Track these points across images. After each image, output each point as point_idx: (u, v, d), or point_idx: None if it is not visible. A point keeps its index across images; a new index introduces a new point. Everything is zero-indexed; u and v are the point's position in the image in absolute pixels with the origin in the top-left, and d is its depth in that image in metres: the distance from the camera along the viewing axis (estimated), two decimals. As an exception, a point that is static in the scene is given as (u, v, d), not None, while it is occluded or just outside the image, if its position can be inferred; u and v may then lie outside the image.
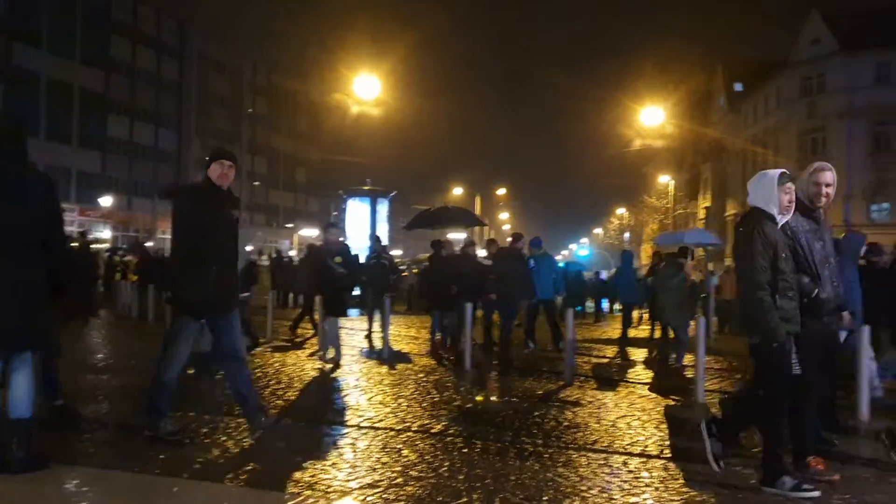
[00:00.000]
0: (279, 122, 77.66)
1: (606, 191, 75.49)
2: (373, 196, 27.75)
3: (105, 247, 36.02)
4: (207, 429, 5.60)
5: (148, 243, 36.91)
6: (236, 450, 5.10)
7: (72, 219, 44.04)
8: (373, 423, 6.10)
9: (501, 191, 62.64)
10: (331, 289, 9.91)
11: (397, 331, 15.33)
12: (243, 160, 72.12)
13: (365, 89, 27.60)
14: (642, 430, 6.25)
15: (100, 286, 20.00)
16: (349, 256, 10.41)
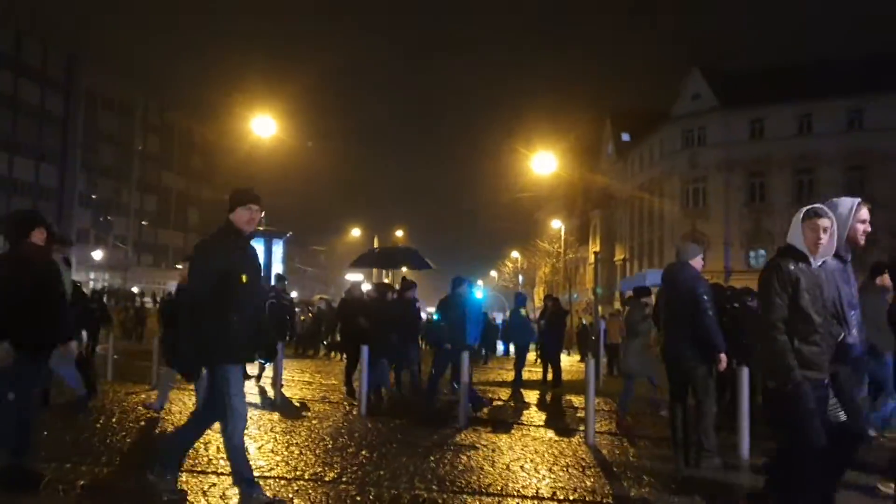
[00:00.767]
0: (171, 161, 75.68)
1: (501, 235, 77.11)
2: (268, 237, 27.30)
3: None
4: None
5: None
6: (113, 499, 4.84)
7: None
8: (262, 472, 5.91)
9: (399, 233, 62.86)
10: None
11: (290, 375, 15.01)
12: (132, 198, 69.81)
13: (261, 128, 27.33)
14: (535, 473, 6.31)
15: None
16: None
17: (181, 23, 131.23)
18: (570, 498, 5.49)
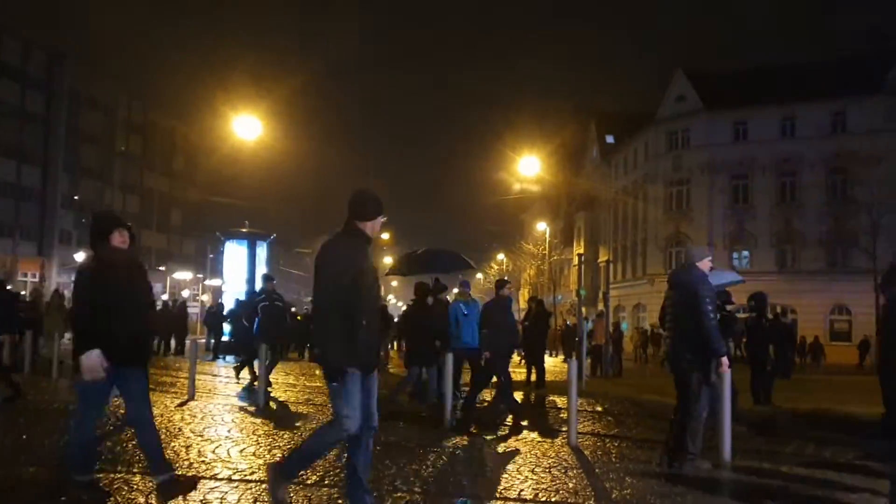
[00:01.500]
0: (153, 161, 75.20)
1: (487, 237, 76.97)
2: (251, 238, 27.19)
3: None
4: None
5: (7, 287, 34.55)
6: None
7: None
8: (244, 476, 5.88)
9: (385, 235, 62.81)
10: None
11: (273, 378, 14.94)
12: (114, 199, 69.31)
13: (245, 130, 27.14)
14: (518, 474, 6.30)
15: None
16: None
17: (163, 22, 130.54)
18: (552, 500, 5.49)
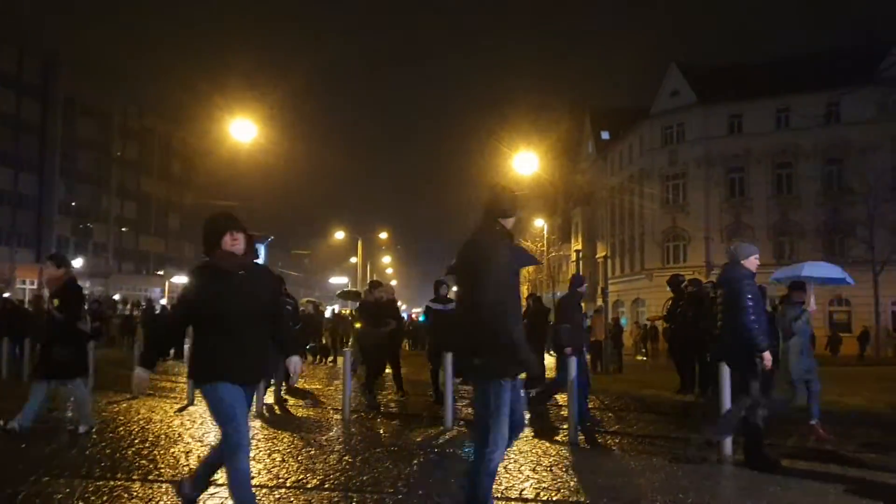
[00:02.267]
0: (150, 166, 75.14)
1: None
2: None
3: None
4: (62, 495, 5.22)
5: (5, 294, 34.59)
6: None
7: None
8: (244, 481, 5.86)
9: (383, 234, 62.86)
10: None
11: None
12: (111, 205, 69.24)
13: (241, 133, 27.15)
14: (519, 473, 6.29)
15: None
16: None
17: (157, 26, 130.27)
18: (554, 498, 5.47)
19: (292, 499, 5.31)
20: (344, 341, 23.89)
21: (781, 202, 43.31)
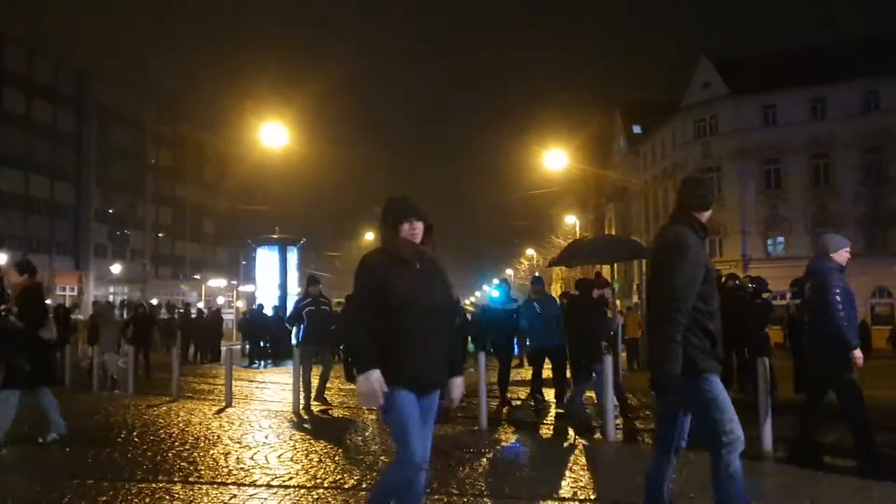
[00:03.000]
0: (184, 172, 76.14)
1: (516, 232, 76.76)
2: (282, 244, 27.40)
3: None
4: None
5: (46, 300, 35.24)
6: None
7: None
8: (283, 482, 5.90)
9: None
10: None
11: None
12: (146, 211, 70.29)
13: (272, 138, 27.37)
14: (556, 473, 6.26)
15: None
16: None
17: (187, 35, 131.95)
18: (591, 498, 5.43)
19: (329, 499, 5.34)
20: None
21: (819, 194, 42.53)
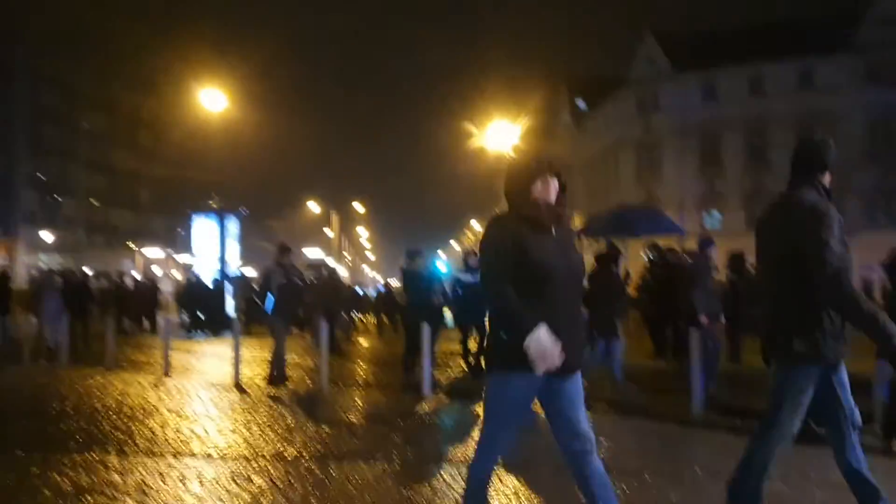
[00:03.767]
0: (119, 137, 73.84)
1: (462, 205, 76.97)
2: (221, 213, 26.82)
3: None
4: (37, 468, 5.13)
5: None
6: (69, 487, 4.68)
7: None
8: (221, 453, 5.80)
9: (358, 205, 62.57)
10: None
11: (250, 353, 14.84)
12: (80, 177, 68.11)
13: (212, 102, 26.78)
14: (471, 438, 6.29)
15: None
16: None
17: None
18: (541, 461, 5.45)
19: (270, 469, 5.26)
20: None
21: (755, 170, 43.51)
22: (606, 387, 8.47)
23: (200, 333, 21.72)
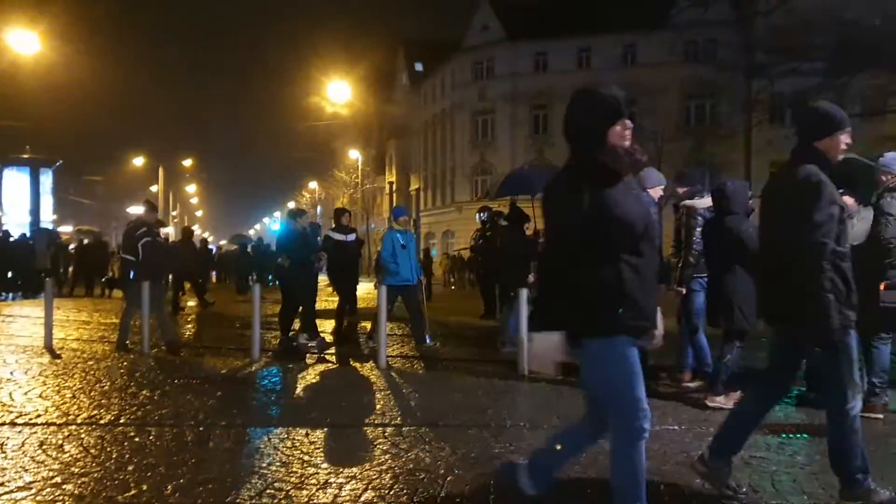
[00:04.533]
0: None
1: (298, 165, 75.39)
2: (34, 165, 24.86)
3: None
4: None
5: None
6: None
7: None
8: (29, 420, 5.46)
9: (187, 162, 59.65)
10: None
11: (64, 315, 13.99)
12: None
13: (23, 44, 24.59)
14: (327, 399, 6.33)
15: None
16: None
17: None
18: (367, 421, 5.54)
19: (83, 435, 5.02)
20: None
21: (581, 139, 45.59)
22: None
23: (10, 295, 20.16)
